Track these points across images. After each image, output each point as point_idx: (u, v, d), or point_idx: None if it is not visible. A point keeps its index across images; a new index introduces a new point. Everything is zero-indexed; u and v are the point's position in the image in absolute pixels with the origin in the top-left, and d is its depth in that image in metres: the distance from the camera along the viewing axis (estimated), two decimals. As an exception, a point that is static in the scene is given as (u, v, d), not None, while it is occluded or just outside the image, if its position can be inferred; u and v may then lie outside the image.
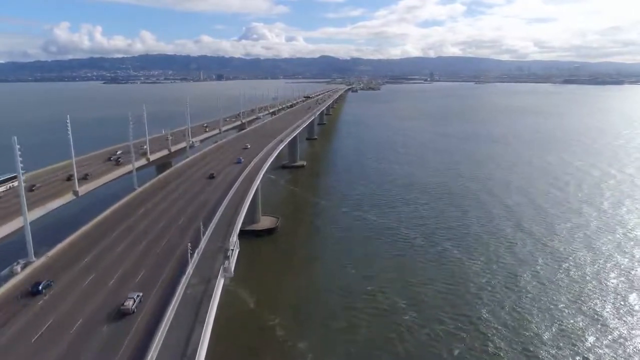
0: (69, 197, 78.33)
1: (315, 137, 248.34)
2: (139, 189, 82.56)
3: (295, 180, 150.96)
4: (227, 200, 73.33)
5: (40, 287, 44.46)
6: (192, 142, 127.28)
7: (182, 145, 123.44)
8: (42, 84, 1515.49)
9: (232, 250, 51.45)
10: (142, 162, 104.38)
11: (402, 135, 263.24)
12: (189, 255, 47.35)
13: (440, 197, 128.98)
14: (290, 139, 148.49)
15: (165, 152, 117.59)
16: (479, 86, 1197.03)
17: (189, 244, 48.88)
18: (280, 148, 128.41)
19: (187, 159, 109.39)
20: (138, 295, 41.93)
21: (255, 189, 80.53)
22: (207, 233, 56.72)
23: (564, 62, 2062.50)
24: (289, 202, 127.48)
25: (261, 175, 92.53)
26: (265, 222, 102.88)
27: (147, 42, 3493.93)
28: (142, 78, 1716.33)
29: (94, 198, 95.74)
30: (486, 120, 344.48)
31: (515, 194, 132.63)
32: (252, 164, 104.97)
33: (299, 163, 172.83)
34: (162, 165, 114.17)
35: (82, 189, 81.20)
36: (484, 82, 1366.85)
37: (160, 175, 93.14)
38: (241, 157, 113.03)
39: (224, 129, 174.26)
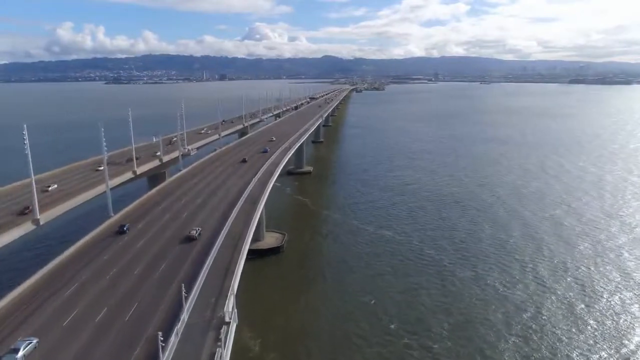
0: None
1: (322, 140, 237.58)
2: (115, 217, 67.25)
3: (302, 188, 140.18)
4: (223, 235, 59.39)
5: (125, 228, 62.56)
6: (188, 150, 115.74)
7: (176, 154, 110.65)
8: (44, 84, 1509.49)
9: (229, 324, 36.45)
10: (127, 176, 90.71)
11: (411, 138, 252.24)
12: (160, 346, 32.45)
13: (456, 209, 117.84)
14: (297, 147, 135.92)
15: (155, 163, 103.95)
16: (484, 86, 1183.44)
17: (160, 334, 32.86)
18: (287, 158, 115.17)
19: (182, 172, 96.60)
20: None
21: (257, 220, 66.79)
22: (191, 298, 40.73)
23: (568, 62, 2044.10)
24: (296, 214, 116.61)
25: (265, 198, 79.82)
26: (270, 239, 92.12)
27: (150, 42, 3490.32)
28: (144, 78, 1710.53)
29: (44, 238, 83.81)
30: (496, 122, 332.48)
31: (532, 204, 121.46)
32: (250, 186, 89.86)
33: (306, 169, 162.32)
34: (154, 177, 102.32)
35: None
36: (489, 82, 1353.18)
37: (150, 193, 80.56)
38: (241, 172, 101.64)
39: (223, 134, 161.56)
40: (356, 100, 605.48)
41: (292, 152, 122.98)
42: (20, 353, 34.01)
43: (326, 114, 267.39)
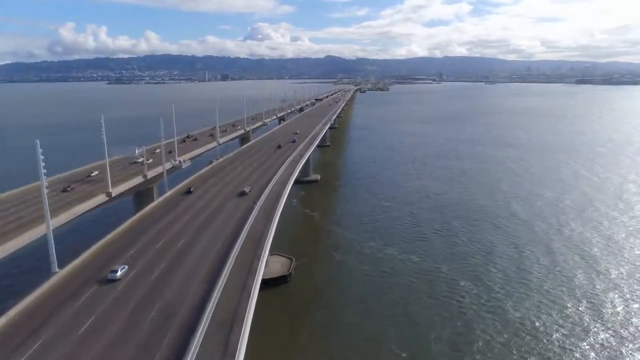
0: None
1: (328, 143, 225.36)
2: (57, 276, 47.45)
3: (309, 200, 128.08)
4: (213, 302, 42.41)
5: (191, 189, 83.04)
6: (180, 161, 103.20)
7: (167, 166, 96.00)
8: (46, 84, 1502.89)
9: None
10: (99, 199, 74.94)
11: (420, 141, 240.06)
12: None
13: (480, 226, 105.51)
14: (303, 162, 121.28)
15: (138, 180, 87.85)
16: (489, 86, 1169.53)
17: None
18: (293, 179, 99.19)
19: (167, 194, 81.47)
20: None
21: (263, 266, 54.13)
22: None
23: (572, 62, 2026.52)
24: (303, 232, 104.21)
25: (272, 234, 64.41)
26: (275, 265, 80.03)
27: (152, 42, 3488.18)
28: (147, 78, 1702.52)
29: None
30: (506, 124, 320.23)
31: (569, 220, 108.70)
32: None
33: (313, 177, 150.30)
34: (140, 194, 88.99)
35: None
36: (493, 82, 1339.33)
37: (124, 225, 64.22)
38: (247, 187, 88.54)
39: (222, 140, 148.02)
40: (360, 101, 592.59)
41: (299, 169, 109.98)
42: (119, 272, 48.08)
43: (334, 116, 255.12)
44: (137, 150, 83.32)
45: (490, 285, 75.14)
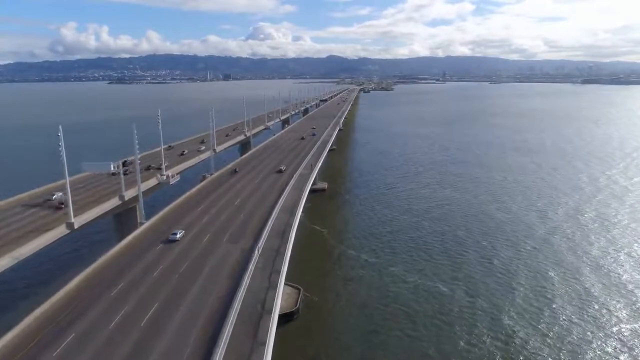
0: None
1: (334, 147, 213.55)
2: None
3: (317, 213, 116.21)
4: None
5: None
6: (167, 176, 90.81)
7: (150, 183, 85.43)
8: (47, 84, 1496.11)
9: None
10: (57, 232, 62.52)
11: (430, 145, 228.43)
12: None
13: (507, 246, 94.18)
14: (313, 176, 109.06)
15: (113, 204, 74.70)
16: (494, 86, 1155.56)
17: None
18: (303, 201, 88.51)
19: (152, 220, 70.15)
20: None
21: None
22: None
23: (575, 62, 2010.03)
24: (311, 254, 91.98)
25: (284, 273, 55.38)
26: (280, 298, 68.64)
27: (154, 42, 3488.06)
28: (148, 78, 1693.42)
29: None
30: (519, 127, 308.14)
31: (601, 239, 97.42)
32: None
33: (319, 186, 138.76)
34: (119, 215, 77.07)
35: None
36: (498, 82, 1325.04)
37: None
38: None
39: (220, 148, 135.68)
40: (364, 102, 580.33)
41: (308, 188, 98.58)
42: (178, 235, 62.41)
43: (342, 118, 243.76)
44: (112, 166, 70.49)
45: (522, 324, 63.50)
